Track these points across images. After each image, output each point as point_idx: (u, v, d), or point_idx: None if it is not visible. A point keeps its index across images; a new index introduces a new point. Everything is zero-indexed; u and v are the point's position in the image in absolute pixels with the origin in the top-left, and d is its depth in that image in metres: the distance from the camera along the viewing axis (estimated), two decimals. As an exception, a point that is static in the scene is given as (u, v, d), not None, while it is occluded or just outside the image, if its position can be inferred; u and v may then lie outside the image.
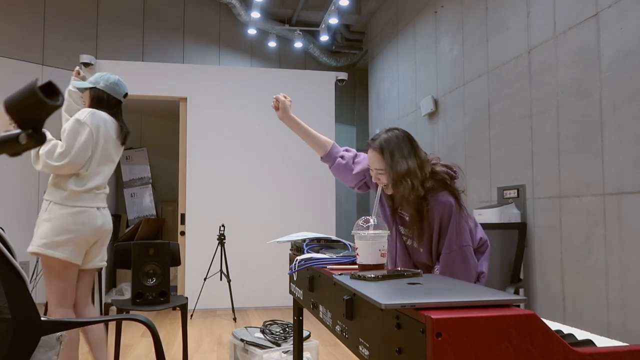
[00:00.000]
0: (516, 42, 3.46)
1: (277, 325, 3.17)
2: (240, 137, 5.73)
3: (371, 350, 1.08)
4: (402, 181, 1.81)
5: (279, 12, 6.71)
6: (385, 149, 1.85)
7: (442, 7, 4.63)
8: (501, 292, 1.00)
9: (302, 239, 1.97)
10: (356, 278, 1.27)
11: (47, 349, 1.42)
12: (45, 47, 5.91)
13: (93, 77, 2.67)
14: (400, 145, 1.85)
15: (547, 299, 3.11)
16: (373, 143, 1.89)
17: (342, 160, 2.08)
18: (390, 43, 6.03)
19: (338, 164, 2.09)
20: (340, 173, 2.11)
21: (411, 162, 1.83)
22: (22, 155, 0.80)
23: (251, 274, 5.58)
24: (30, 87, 0.72)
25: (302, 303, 1.87)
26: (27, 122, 0.75)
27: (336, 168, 2.10)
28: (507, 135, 3.55)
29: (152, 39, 6.59)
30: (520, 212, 3.31)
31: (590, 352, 0.89)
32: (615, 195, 2.61)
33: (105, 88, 2.63)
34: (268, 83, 5.87)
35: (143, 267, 2.99)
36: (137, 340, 4.04)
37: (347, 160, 2.09)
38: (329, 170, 2.15)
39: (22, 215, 5.63)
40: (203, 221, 5.51)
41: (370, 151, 1.90)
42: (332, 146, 2.12)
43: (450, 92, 4.44)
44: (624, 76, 2.56)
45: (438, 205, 1.84)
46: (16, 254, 1.35)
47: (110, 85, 2.65)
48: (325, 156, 2.12)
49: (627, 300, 2.52)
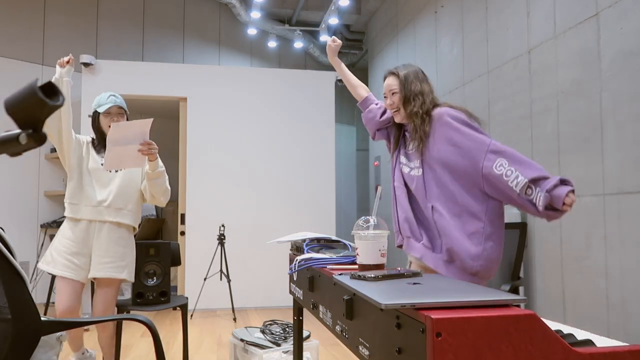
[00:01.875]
0: (516, 42, 3.46)
1: (277, 325, 3.17)
2: (241, 137, 5.73)
3: (371, 350, 1.08)
4: (415, 98, 2.04)
5: (279, 12, 6.71)
6: (401, 72, 2.10)
7: (442, 7, 4.63)
8: (501, 292, 1.00)
9: (302, 239, 1.97)
10: (356, 278, 1.27)
11: (47, 349, 1.43)
12: (45, 47, 5.91)
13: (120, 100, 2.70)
14: (416, 71, 2.11)
15: (547, 299, 3.11)
16: (390, 70, 2.15)
17: (376, 105, 2.30)
18: (390, 43, 6.03)
19: (370, 111, 2.30)
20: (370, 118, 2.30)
21: (424, 85, 2.09)
22: (23, 155, 0.80)
23: (251, 274, 5.58)
24: (30, 87, 0.72)
25: (302, 303, 1.87)
26: (27, 122, 0.75)
27: (368, 112, 2.31)
28: (507, 135, 3.55)
29: (152, 39, 6.59)
30: (520, 212, 3.31)
31: (590, 352, 0.89)
32: (615, 195, 2.61)
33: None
34: (268, 83, 5.87)
35: (143, 267, 2.99)
36: (137, 340, 4.04)
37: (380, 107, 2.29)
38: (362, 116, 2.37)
39: (22, 215, 5.63)
40: (203, 221, 5.51)
41: (388, 77, 2.14)
42: (369, 95, 2.36)
43: (450, 92, 4.44)
44: (624, 76, 2.56)
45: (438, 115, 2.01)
46: (16, 254, 1.35)
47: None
48: (361, 102, 2.36)
49: (627, 300, 2.53)
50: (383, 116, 2.24)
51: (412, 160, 2.09)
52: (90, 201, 2.58)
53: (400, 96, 2.07)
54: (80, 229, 2.58)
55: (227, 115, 5.72)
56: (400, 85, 2.07)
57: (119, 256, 2.62)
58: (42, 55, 5.88)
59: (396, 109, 2.10)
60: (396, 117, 2.13)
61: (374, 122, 2.26)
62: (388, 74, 2.14)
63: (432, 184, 1.98)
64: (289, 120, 5.87)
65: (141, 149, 2.46)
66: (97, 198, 2.59)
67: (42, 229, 5.70)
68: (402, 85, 2.07)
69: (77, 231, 2.58)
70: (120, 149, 2.41)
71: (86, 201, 2.59)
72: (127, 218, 2.63)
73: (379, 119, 2.24)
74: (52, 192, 5.77)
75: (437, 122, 2.00)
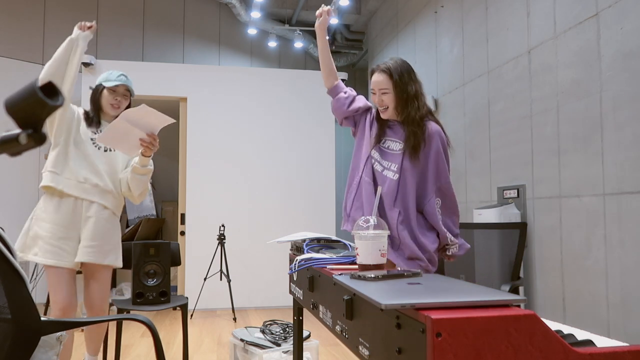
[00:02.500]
0: (516, 42, 3.46)
1: (277, 325, 3.17)
2: (241, 136, 5.73)
3: (371, 350, 1.08)
4: (412, 101, 2.04)
5: (279, 12, 6.71)
6: (393, 71, 2.04)
7: (442, 7, 4.63)
8: (501, 292, 1.00)
9: (302, 239, 1.97)
10: (356, 278, 1.27)
11: (47, 349, 1.43)
12: (45, 47, 5.91)
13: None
14: (407, 69, 2.07)
15: (547, 299, 3.11)
16: (380, 66, 2.08)
17: (344, 94, 2.25)
18: (390, 43, 6.03)
19: (338, 99, 2.25)
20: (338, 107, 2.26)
21: (417, 86, 2.08)
22: (23, 155, 0.80)
23: (251, 274, 5.58)
24: (30, 87, 0.72)
25: (302, 303, 1.87)
26: (27, 122, 0.75)
27: (337, 101, 2.26)
28: (507, 135, 3.55)
29: (152, 39, 6.59)
30: (520, 212, 3.31)
31: (590, 352, 0.89)
32: (615, 195, 2.61)
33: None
34: (268, 83, 5.87)
35: (143, 267, 2.99)
36: (137, 340, 4.04)
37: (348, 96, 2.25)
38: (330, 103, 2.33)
39: (22, 215, 5.63)
40: (203, 221, 5.51)
41: (377, 74, 2.08)
42: (339, 82, 2.29)
43: (450, 92, 4.44)
44: (624, 76, 2.56)
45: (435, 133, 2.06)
46: (16, 254, 1.35)
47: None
48: (330, 89, 2.28)
49: (627, 300, 2.52)
50: (350, 106, 2.23)
51: (387, 160, 2.10)
52: (74, 175, 2.37)
53: (394, 97, 2.06)
54: (67, 210, 2.35)
55: (227, 115, 5.72)
56: (395, 86, 2.05)
57: (106, 240, 2.44)
58: (42, 55, 5.88)
59: (385, 107, 2.09)
60: (383, 115, 2.13)
61: (341, 111, 2.25)
62: (378, 71, 2.10)
63: (405, 192, 2.05)
64: (289, 120, 5.87)
65: (143, 140, 2.32)
66: (83, 174, 2.38)
67: (42, 229, 5.69)
68: (396, 86, 2.04)
69: (64, 212, 2.34)
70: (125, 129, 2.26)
71: (69, 174, 2.36)
72: (111, 203, 2.47)
73: (346, 109, 2.23)
74: (52, 192, 5.76)
75: (430, 137, 2.06)
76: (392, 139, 2.14)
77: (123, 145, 2.35)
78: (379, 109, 2.12)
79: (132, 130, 2.28)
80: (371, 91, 2.13)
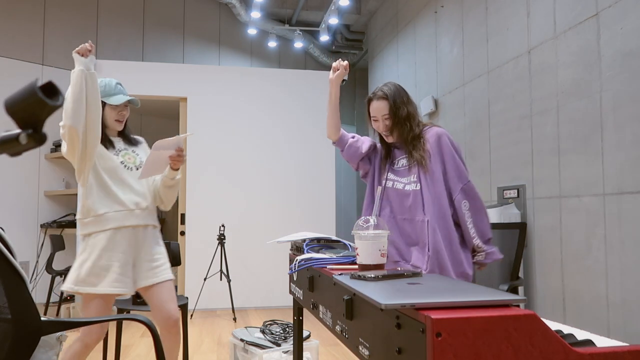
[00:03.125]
0: (516, 42, 3.46)
1: (277, 325, 3.17)
2: (240, 137, 5.73)
3: (371, 350, 1.08)
4: (404, 124, 2.08)
5: (279, 12, 6.71)
6: (389, 96, 2.09)
7: (442, 7, 4.63)
8: (501, 292, 1.00)
9: (302, 239, 1.97)
10: (356, 278, 1.27)
11: (47, 349, 1.43)
12: (45, 47, 5.91)
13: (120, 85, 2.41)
14: (400, 93, 2.12)
15: (547, 299, 3.11)
16: (377, 94, 2.12)
17: (353, 139, 2.27)
18: (390, 43, 6.03)
19: (350, 146, 2.25)
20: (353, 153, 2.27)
21: (411, 107, 2.12)
22: (23, 155, 0.80)
23: (251, 274, 5.58)
24: (30, 87, 0.72)
25: (302, 303, 1.87)
26: (27, 122, 0.75)
27: (347, 150, 2.26)
28: (507, 135, 3.55)
29: (152, 39, 6.59)
30: (520, 212, 3.31)
31: (590, 352, 0.89)
32: (615, 195, 2.61)
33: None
34: (268, 83, 5.87)
35: (143, 267, 2.98)
36: (137, 340, 4.04)
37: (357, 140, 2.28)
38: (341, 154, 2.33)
39: (22, 215, 5.63)
40: (203, 221, 5.51)
41: (376, 101, 2.11)
42: (343, 132, 2.30)
43: (450, 92, 4.44)
44: (624, 76, 2.56)
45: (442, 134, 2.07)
46: (16, 254, 1.35)
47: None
48: (337, 141, 2.28)
49: (627, 300, 2.53)
50: (363, 148, 2.24)
51: (404, 177, 2.12)
52: (124, 206, 2.26)
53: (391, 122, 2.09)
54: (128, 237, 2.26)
55: (227, 115, 5.72)
56: (391, 111, 2.08)
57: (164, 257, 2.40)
58: (42, 55, 5.88)
59: (389, 132, 2.12)
60: (388, 139, 2.15)
61: (357, 155, 2.24)
62: (376, 98, 2.12)
63: (429, 200, 2.03)
64: (289, 120, 5.87)
65: (172, 155, 2.29)
66: (132, 201, 2.28)
67: (42, 229, 5.70)
68: (391, 111, 2.07)
69: (124, 240, 2.24)
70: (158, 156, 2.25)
71: (118, 206, 2.25)
72: (156, 220, 2.43)
73: (363, 152, 2.23)
74: (52, 192, 5.77)
75: (436, 142, 2.06)
76: (402, 157, 2.16)
77: (157, 169, 2.32)
78: (384, 134, 2.14)
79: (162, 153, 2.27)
80: (373, 119, 2.13)
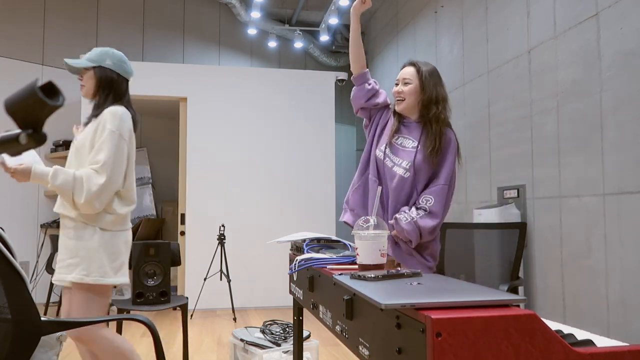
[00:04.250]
0: (516, 42, 3.46)
1: (277, 325, 3.17)
2: (240, 137, 5.73)
3: (371, 350, 1.08)
4: (436, 101, 2.08)
5: (279, 12, 6.71)
6: (423, 70, 2.09)
7: (442, 7, 4.63)
8: (501, 292, 1.00)
9: (302, 239, 1.97)
10: (356, 278, 1.27)
11: (47, 349, 1.43)
12: (45, 47, 5.91)
13: (93, 54, 2.15)
14: (438, 74, 2.14)
15: (547, 299, 3.11)
16: (411, 60, 2.14)
17: (368, 86, 2.23)
18: (390, 43, 6.03)
19: (363, 87, 2.23)
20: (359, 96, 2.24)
21: (442, 90, 2.12)
22: (22, 156, 0.80)
23: (251, 274, 5.58)
24: (30, 87, 0.72)
25: (302, 303, 1.87)
26: (27, 122, 0.75)
27: (359, 89, 2.23)
28: (507, 135, 3.55)
29: (152, 39, 6.59)
30: (520, 212, 3.31)
31: (590, 352, 0.89)
32: (615, 195, 2.61)
33: (114, 67, 2.16)
34: (268, 83, 5.87)
35: (143, 267, 2.99)
36: (137, 340, 4.04)
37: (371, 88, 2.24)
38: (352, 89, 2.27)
39: (22, 215, 5.63)
40: (203, 221, 5.51)
41: (406, 67, 2.13)
42: (367, 72, 2.25)
43: (450, 92, 4.42)
44: (624, 76, 2.56)
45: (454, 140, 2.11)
46: (16, 254, 1.35)
47: (119, 63, 2.18)
48: (357, 76, 2.24)
49: (627, 300, 2.52)
50: (371, 99, 2.22)
51: (398, 157, 2.10)
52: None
53: (418, 91, 2.08)
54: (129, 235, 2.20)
55: (227, 115, 5.72)
56: (421, 79, 2.07)
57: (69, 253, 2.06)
58: (42, 55, 5.88)
59: (402, 98, 2.10)
60: (398, 106, 2.13)
61: (360, 102, 2.25)
62: (408, 64, 2.14)
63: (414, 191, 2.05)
64: (289, 121, 5.87)
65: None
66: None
67: (42, 229, 5.70)
68: (423, 81, 2.07)
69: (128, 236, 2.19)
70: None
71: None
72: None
73: (365, 101, 2.23)
74: (52, 192, 5.77)
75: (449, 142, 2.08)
76: (406, 137, 2.12)
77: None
78: (396, 99, 2.12)
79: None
80: (395, 82, 2.15)
